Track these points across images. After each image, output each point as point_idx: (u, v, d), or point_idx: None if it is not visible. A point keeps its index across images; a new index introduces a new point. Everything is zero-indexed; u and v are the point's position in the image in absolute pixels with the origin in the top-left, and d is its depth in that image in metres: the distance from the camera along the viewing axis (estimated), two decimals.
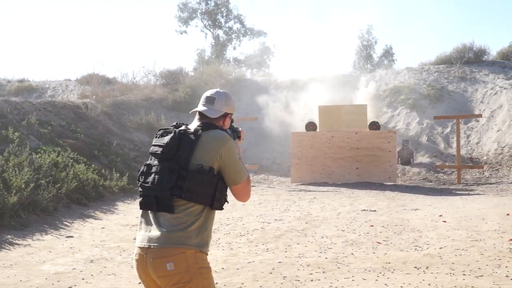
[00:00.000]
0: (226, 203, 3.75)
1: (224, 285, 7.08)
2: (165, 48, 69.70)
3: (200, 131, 3.68)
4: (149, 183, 3.61)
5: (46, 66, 73.70)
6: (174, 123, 3.84)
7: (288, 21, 72.29)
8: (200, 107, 3.86)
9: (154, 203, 3.56)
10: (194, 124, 3.81)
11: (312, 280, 7.26)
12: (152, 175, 3.62)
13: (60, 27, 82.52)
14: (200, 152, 3.59)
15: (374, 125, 20.10)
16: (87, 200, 13.95)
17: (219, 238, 10.07)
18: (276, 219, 12.00)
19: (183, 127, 3.75)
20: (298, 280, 7.27)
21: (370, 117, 21.02)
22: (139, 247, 3.59)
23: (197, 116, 3.87)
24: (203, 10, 40.84)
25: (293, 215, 12.54)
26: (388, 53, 37.89)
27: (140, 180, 3.69)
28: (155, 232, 3.53)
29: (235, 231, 10.75)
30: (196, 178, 3.52)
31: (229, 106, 3.92)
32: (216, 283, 7.02)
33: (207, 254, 3.65)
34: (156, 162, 3.66)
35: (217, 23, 41.27)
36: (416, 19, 74.20)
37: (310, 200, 15.02)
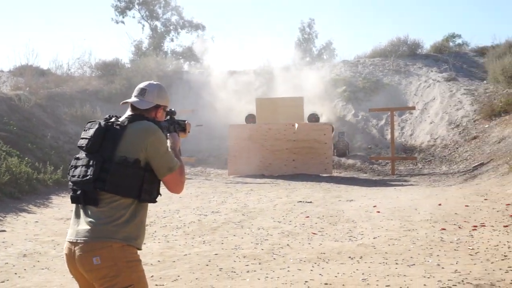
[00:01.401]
0: (159, 196, 3.72)
1: (160, 277, 7.05)
2: (101, 39, 68.68)
3: (127, 122, 3.66)
4: (76, 176, 3.57)
5: None
6: (106, 116, 3.78)
7: (228, 12, 72.14)
8: (131, 99, 3.84)
9: (81, 196, 3.52)
10: (124, 116, 3.78)
11: (248, 272, 7.30)
12: (79, 168, 3.59)
13: None
14: (125, 144, 3.55)
15: (314, 117, 20.28)
16: (20, 193, 13.67)
17: (155, 231, 10.02)
18: (213, 212, 12.01)
19: (112, 120, 3.70)
20: (234, 272, 7.30)
21: (309, 109, 21.17)
22: (69, 241, 3.56)
23: (129, 108, 3.84)
24: (140, 0, 40.37)
25: (230, 207, 12.57)
26: (328, 47, 38.24)
27: (70, 173, 3.66)
28: (82, 226, 3.50)
29: (172, 224, 10.72)
30: (120, 171, 3.48)
31: (162, 98, 3.88)
32: (152, 276, 7.00)
33: (138, 248, 3.61)
34: (83, 155, 3.64)
35: (154, 14, 40.86)
36: (353, 12, 75.09)
37: (247, 192, 15.07)
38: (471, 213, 10.67)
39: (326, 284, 6.58)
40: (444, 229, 9.41)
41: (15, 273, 7.52)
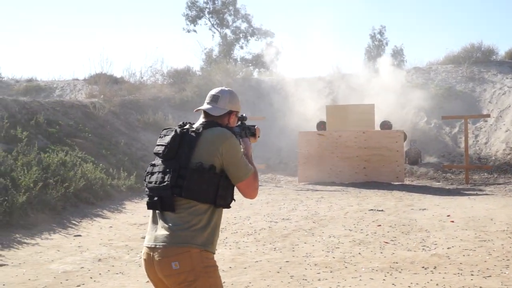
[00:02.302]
0: (233, 201, 3.74)
1: (232, 284, 7.09)
2: (173, 47, 69.66)
3: (202, 129, 3.69)
4: (153, 182, 3.63)
5: (54, 65, 73.84)
6: (180, 123, 3.84)
7: (296, 19, 72.16)
8: (204, 106, 3.87)
9: (158, 202, 3.58)
10: (198, 123, 3.82)
11: (319, 280, 7.26)
12: (156, 175, 3.64)
13: (68, 27, 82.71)
14: (201, 150, 3.60)
15: (386, 125, 20.07)
16: (95, 199, 13.98)
17: (226, 237, 10.08)
18: (283, 218, 12.00)
19: (186, 126, 3.76)
20: (306, 280, 7.28)
21: (380, 116, 20.96)
22: (147, 247, 3.61)
23: (202, 115, 3.88)
24: (211, 9, 40.88)
25: (301, 214, 12.54)
26: (398, 54, 37.82)
27: (146, 179, 3.71)
28: (160, 231, 3.55)
29: (243, 230, 10.76)
30: (196, 177, 3.52)
31: (234, 104, 3.91)
32: (224, 282, 7.03)
33: (213, 253, 3.64)
34: (159, 162, 3.69)
35: (224, 22, 41.31)
36: (424, 19, 74.00)
37: (318, 199, 15.01)
38: None
39: None
40: None
41: (91, 277, 7.68)
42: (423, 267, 7.75)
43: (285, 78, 29.72)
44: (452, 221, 11.04)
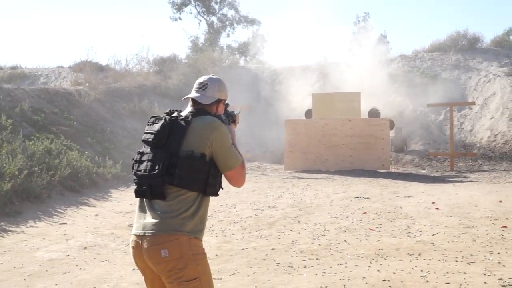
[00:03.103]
0: (220, 189, 3.74)
1: (218, 271, 7.10)
2: (159, 35, 69.45)
3: (191, 117, 3.68)
4: (142, 170, 3.60)
5: (39, 53, 73.39)
6: (167, 110, 3.82)
7: (283, 8, 72.07)
8: (193, 94, 3.85)
9: (148, 190, 3.56)
10: (186, 111, 3.80)
11: (305, 267, 7.29)
12: (145, 163, 3.62)
13: (52, 14, 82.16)
14: (191, 138, 3.58)
15: (375, 113, 20.11)
16: (80, 187, 13.93)
17: (212, 225, 10.09)
18: (269, 206, 12.03)
19: (175, 114, 3.73)
20: (292, 267, 7.30)
21: (366, 104, 20.98)
22: (135, 235, 3.61)
23: (190, 103, 3.86)
24: None
25: (287, 202, 12.57)
26: (383, 41, 37.78)
27: (134, 168, 3.69)
28: (149, 219, 3.55)
29: (229, 218, 10.78)
30: (187, 165, 3.51)
31: (222, 92, 3.90)
32: (210, 269, 7.04)
33: (201, 240, 3.65)
34: (148, 150, 3.66)
35: (211, 10, 41.13)
36: (410, 6, 74.08)
37: (304, 187, 15.05)
38: None
39: (384, 280, 6.52)
40: (505, 226, 9.23)
41: (76, 265, 7.67)
42: (408, 253, 7.80)
43: (271, 66, 29.71)
44: (437, 208, 11.11)
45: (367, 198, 12.83)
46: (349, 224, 9.92)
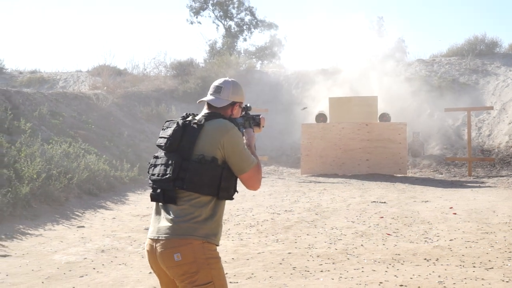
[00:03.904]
0: (236, 193, 3.74)
1: (234, 275, 7.11)
2: (176, 39, 69.75)
3: (203, 120, 3.69)
4: (156, 175, 3.64)
5: (58, 57, 73.86)
6: (183, 114, 3.84)
7: (300, 12, 72.11)
8: (207, 97, 3.86)
9: (161, 195, 3.59)
10: (201, 114, 3.81)
11: (321, 271, 7.28)
12: (158, 167, 3.65)
13: (71, 19, 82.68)
14: (203, 142, 3.60)
15: (385, 117, 20.04)
16: (98, 190, 14.01)
17: (229, 229, 10.10)
18: (286, 210, 12.03)
19: (189, 118, 3.76)
20: (308, 271, 7.30)
21: (381, 109, 20.94)
22: (150, 238, 3.63)
23: (205, 106, 3.87)
24: (214, 1, 40.81)
25: (303, 206, 12.57)
26: (400, 46, 37.69)
27: (149, 172, 3.72)
28: (163, 223, 3.57)
29: (245, 222, 10.79)
30: (198, 169, 3.53)
31: (237, 95, 3.90)
32: (226, 273, 7.05)
33: (217, 245, 3.65)
34: (162, 154, 3.70)
35: (228, 14, 41.23)
36: (427, 11, 73.81)
37: (320, 191, 15.04)
38: None
39: (401, 285, 6.50)
40: None
41: (94, 268, 7.71)
42: (425, 259, 7.77)
43: (288, 70, 29.73)
44: (455, 213, 11.06)
45: (384, 202, 12.80)
46: (366, 229, 9.90)
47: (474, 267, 7.24)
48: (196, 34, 72.09)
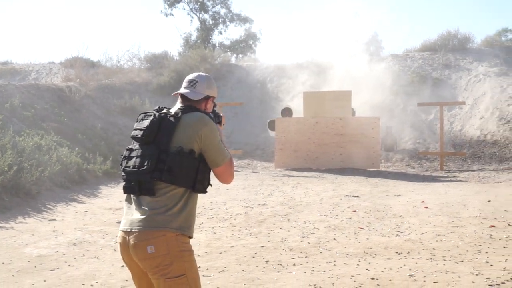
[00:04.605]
0: (209, 186, 3.76)
1: (207, 268, 7.11)
2: (150, 32, 69.38)
3: (180, 113, 3.69)
4: (131, 167, 3.61)
5: (30, 48, 73.20)
6: (156, 107, 3.84)
7: (275, 6, 72.16)
8: (182, 90, 3.87)
9: (136, 186, 3.57)
10: (175, 107, 3.82)
11: (294, 265, 7.31)
12: (133, 159, 3.63)
13: (44, 9, 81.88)
14: (180, 134, 3.60)
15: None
16: (70, 183, 13.92)
17: (202, 223, 10.10)
18: (259, 204, 12.04)
19: (164, 111, 3.77)
20: (281, 264, 7.31)
21: (357, 103, 21.03)
22: (122, 231, 3.61)
23: (179, 99, 3.88)
24: None
25: (277, 200, 12.59)
26: (374, 40, 37.87)
27: (123, 164, 3.69)
28: (137, 215, 3.55)
29: (219, 216, 10.79)
30: (176, 161, 3.53)
31: (211, 89, 3.93)
32: (199, 266, 7.04)
33: (190, 237, 3.65)
34: (137, 146, 3.68)
35: (204, 7, 41.08)
36: (401, 6, 74.22)
37: (294, 185, 15.08)
38: None
39: (372, 279, 6.54)
40: (493, 226, 9.28)
41: (65, 262, 7.65)
42: (396, 252, 7.83)
43: (263, 64, 29.72)
44: (426, 207, 11.16)
45: (357, 196, 12.87)
46: (339, 223, 9.94)
47: (444, 260, 7.30)
48: (171, 26, 71.79)
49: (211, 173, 3.80)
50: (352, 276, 6.69)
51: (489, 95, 22.82)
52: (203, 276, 6.74)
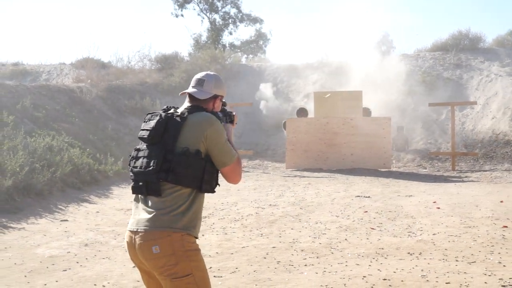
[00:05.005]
0: (217, 186, 3.76)
1: (218, 269, 7.10)
2: (161, 32, 69.50)
3: (187, 113, 3.68)
4: (138, 167, 3.62)
5: (41, 49, 73.42)
6: (164, 107, 3.83)
7: (285, 6, 72.14)
8: (190, 89, 3.85)
9: (144, 187, 3.57)
10: (183, 107, 3.81)
11: (306, 265, 7.29)
12: (140, 159, 3.64)
13: (55, 10, 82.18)
14: (186, 134, 3.60)
15: (366, 112, 20.13)
16: (81, 184, 13.95)
17: (213, 223, 10.09)
18: (270, 205, 12.03)
19: (171, 111, 3.76)
20: (292, 265, 7.30)
21: (368, 103, 20.97)
22: (129, 230, 3.63)
23: (187, 99, 3.86)
24: None
25: (288, 200, 12.57)
26: (385, 40, 37.75)
27: (131, 164, 3.70)
28: (143, 215, 3.57)
29: (230, 216, 10.78)
30: (182, 161, 3.52)
31: (219, 88, 3.90)
32: (210, 267, 7.06)
33: (196, 237, 3.64)
34: (144, 147, 3.69)
35: (213, 8, 41.12)
36: (413, 5, 73.99)
37: (305, 186, 15.05)
38: None
39: (384, 279, 6.52)
40: (506, 226, 9.23)
41: (77, 262, 7.67)
42: (408, 253, 7.80)
43: (273, 64, 29.71)
44: (438, 208, 11.12)
45: (368, 197, 12.84)
46: (350, 223, 9.92)
47: (457, 261, 7.27)
48: (181, 27, 71.91)
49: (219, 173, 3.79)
50: (364, 276, 6.67)
51: (500, 94, 22.73)
52: (214, 276, 6.74)
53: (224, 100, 4.09)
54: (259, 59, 34.85)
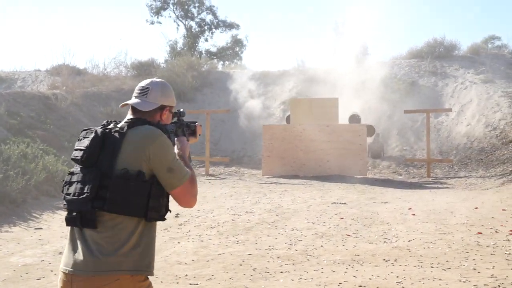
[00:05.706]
0: (168, 212, 3.22)
1: (194, 276, 7.08)
2: (137, 39, 69.27)
3: (126, 128, 3.13)
4: (71, 194, 3.06)
5: (16, 56, 72.81)
6: (104, 122, 3.27)
7: (262, 13, 72.30)
8: (132, 100, 3.33)
9: (78, 218, 3.02)
10: (124, 121, 3.26)
11: (281, 272, 7.28)
12: (74, 185, 3.08)
13: (29, 16, 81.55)
14: (125, 153, 3.04)
15: (355, 119, 20.23)
16: (56, 191, 13.82)
17: (189, 230, 10.06)
18: (246, 211, 12.01)
19: (110, 126, 3.18)
20: (268, 272, 7.29)
21: (344, 110, 21.03)
22: (63, 272, 3.07)
23: (130, 111, 3.32)
24: (175, 0, 40.65)
25: (264, 207, 12.56)
26: (361, 47, 37.91)
27: (64, 191, 3.15)
28: (80, 255, 3.00)
29: (206, 223, 10.75)
30: (121, 186, 2.97)
31: (167, 97, 3.38)
32: (186, 275, 7.04)
33: (151, 274, 3.13)
34: (78, 170, 3.13)
35: (189, 14, 41.10)
36: (388, 13, 74.48)
37: (281, 192, 15.06)
38: (508, 217, 10.54)
39: (360, 286, 6.53)
40: (480, 233, 9.30)
41: (51, 270, 7.60)
42: (384, 259, 7.82)
43: (250, 71, 29.74)
44: (413, 214, 11.17)
45: (344, 203, 12.87)
46: (326, 230, 9.93)
47: (432, 267, 7.31)
48: (157, 34, 71.69)
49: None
50: (340, 283, 6.68)
51: (475, 102, 22.95)
52: (190, 284, 6.72)
53: (182, 110, 3.64)
54: (236, 65, 34.87)
